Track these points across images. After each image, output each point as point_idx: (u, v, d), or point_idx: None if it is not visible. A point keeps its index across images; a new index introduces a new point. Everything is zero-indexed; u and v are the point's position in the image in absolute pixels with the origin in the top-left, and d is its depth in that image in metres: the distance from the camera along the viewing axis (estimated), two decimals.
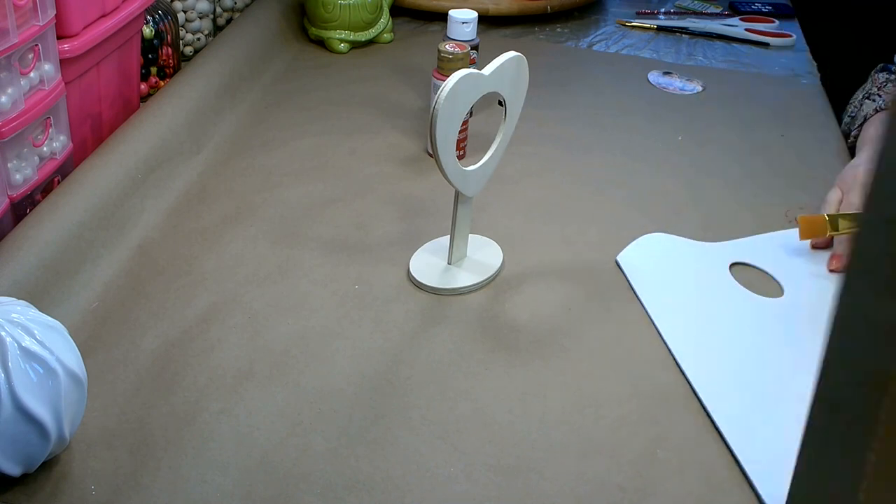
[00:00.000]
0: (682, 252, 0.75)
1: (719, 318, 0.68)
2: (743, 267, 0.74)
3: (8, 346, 0.47)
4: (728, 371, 0.63)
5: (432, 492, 0.52)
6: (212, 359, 0.61)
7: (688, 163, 0.89)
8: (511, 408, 0.58)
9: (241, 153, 0.86)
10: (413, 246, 0.73)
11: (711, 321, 0.67)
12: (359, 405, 0.58)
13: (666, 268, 0.73)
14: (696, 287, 0.71)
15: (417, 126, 0.93)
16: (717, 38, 1.23)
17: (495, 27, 1.21)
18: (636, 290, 0.70)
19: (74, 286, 0.65)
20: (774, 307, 0.69)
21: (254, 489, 0.52)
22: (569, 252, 0.74)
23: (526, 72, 0.66)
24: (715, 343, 0.65)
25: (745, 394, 0.61)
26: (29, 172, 0.68)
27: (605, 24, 1.26)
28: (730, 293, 0.71)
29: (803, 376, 0.56)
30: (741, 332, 0.66)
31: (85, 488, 0.51)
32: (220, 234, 0.74)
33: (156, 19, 0.91)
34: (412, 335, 0.64)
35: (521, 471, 0.54)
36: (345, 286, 0.69)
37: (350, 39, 1.10)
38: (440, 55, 0.83)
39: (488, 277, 0.70)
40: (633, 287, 0.70)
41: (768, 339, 0.66)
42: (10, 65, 0.63)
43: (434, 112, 0.60)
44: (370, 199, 0.80)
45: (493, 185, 0.72)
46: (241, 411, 0.57)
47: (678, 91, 1.06)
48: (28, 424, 0.47)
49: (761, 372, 0.63)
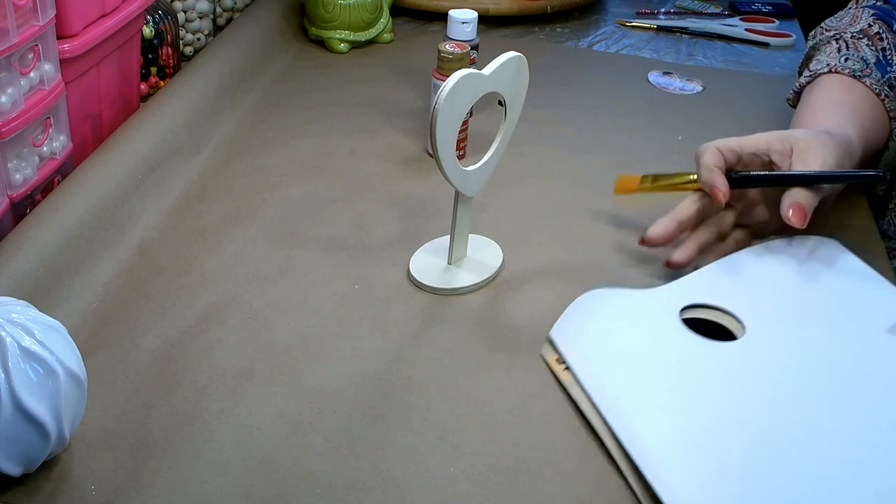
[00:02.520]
0: (625, 308, 0.64)
1: (669, 383, 0.58)
2: (698, 311, 0.65)
3: (8, 346, 0.47)
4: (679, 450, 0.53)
5: (432, 492, 0.52)
6: (212, 359, 0.61)
7: (688, 163, 0.89)
8: (511, 408, 0.58)
9: (241, 153, 0.86)
10: (413, 246, 0.73)
11: (661, 390, 0.58)
12: (359, 405, 0.58)
13: (606, 336, 0.62)
14: (642, 351, 0.61)
15: (417, 126, 0.93)
16: (717, 38, 1.23)
17: (495, 27, 1.21)
18: (574, 372, 0.59)
19: (74, 286, 0.65)
20: (733, 351, 0.61)
21: (254, 489, 0.52)
22: (569, 252, 0.74)
23: (526, 72, 0.66)
24: (663, 422, 0.55)
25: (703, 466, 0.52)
26: (29, 172, 0.68)
27: (605, 24, 1.26)
28: (682, 347, 0.60)
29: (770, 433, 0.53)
30: (697, 393, 0.57)
31: (85, 488, 0.51)
32: (220, 234, 0.74)
33: (156, 19, 0.91)
34: (412, 335, 0.64)
35: (521, 471, 0.54)
36: (345, 286, 0.69)
37: (350, 39, 1.10)
38: (440, 55, 0.83)
39: (488, 277, 0.70)
40: (570, 368, 0.60)
41: (729, 392, 0.57)
42: (10, 65, 0.63)
43: (434, 112, 0.60)
44: (370, 199, 0.80)
45: (493, 185, 0.72)
46: (241, 411, 0.57)
47: (678, 91, 1.06)
48: (28, 424, 0.47)
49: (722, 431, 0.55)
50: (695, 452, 0.53)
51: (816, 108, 0.79)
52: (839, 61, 0.82)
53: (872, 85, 0.80)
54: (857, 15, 0.88)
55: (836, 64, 0.82)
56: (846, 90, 0.80)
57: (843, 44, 0.84)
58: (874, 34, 0.84)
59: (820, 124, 0.74)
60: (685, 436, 0.54)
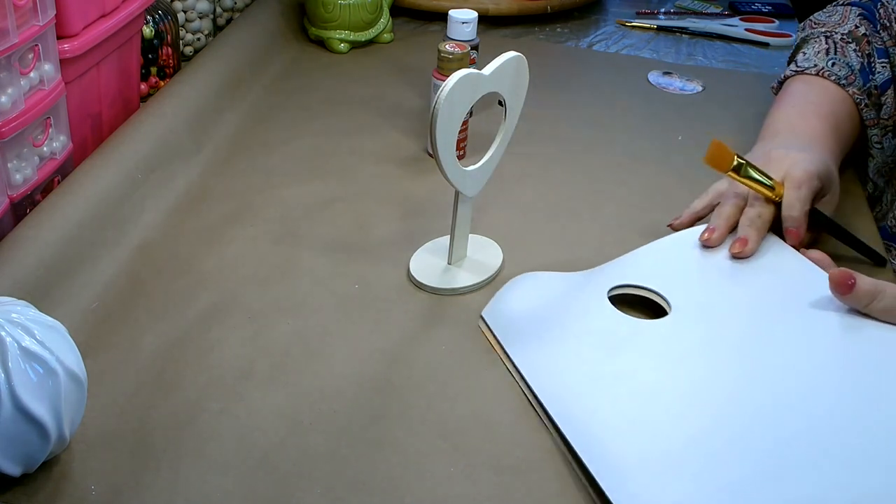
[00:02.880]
0: (553, 290, 0.67)
1: (597, 359, 0.60)
2: (625, 289, 0.66)
3: (8, 346, 0.47)
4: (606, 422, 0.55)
5: (432, 492, 0.52)
6: (212, 359, 0.61)
7: (688, 163, 0.89)
8: (511, 408, 0.58)
9: (241, 153, 0.86)
10: (413, 246, 0.73)
11: (588, 364, 0.59)
12: (359, 405, 0.58)
13: (536, 314, 0.64)
14: (571, 328, 0.62)
15: (417, 126, 0.93)
16: (717, 38, 1.23)
17: (495, 27, 1.21)
18: (506, 348, 0.62)
19: (74, 286, 0.65)
20: (658, 329, 0.62)
21: (254, 489, 0.52)
22: (569, 252, 0.74)
23: (526, 72, 0.66)
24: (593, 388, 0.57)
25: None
26: (29, 172, 0.68)
27: (605, 24, 1.26)
28: (608, 323, 0.62)
29: (698, 407, 0.55)
30: (626, 367, 0.59)
31: (85, 488, 0.51)
32: (220, 234, 0.74)
33: (156, 19, 0.91)
34: (412, 335, 0.64)
35: (521, 471, 0.54)
36: (345, 286, 0.69)
37: (350, 39, 1.10)
38: (440, 55, 0.83)
39: (488, 277, 0.70)
40: (502, 345, 0.62)
41: (656, 368, 0.59)
42: (10, 65, 0.63)
43: (434, 112, 0.60)
44: (370, 199, 0.80)
45: (493, 185, 0.72)
46: (241, 411, 0.57)
47: (678, 91, 1.06)
48: (28, 424, 0.47)
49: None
50: (626, 428, 0.54)
51: (809, 113, 0.81)
52: (827, 64, 0.84)
53: (854, 94, 0.83)
54: (845, 14, 0.89)
55: (823, 67, 0.84)
56: (832, 101, 0.83)
57: (832, 44, 0.86)
58: (861, 36, 0.86)
59: (810, 132, 0.78)
60: (615, 412, 0.56)
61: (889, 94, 0.84)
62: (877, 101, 0.84)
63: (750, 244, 0.68)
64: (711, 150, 0.69)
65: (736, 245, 0.68)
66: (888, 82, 0.84)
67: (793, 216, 0.68)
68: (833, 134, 0.79)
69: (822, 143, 0.77)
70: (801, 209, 0.68)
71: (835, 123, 0.80)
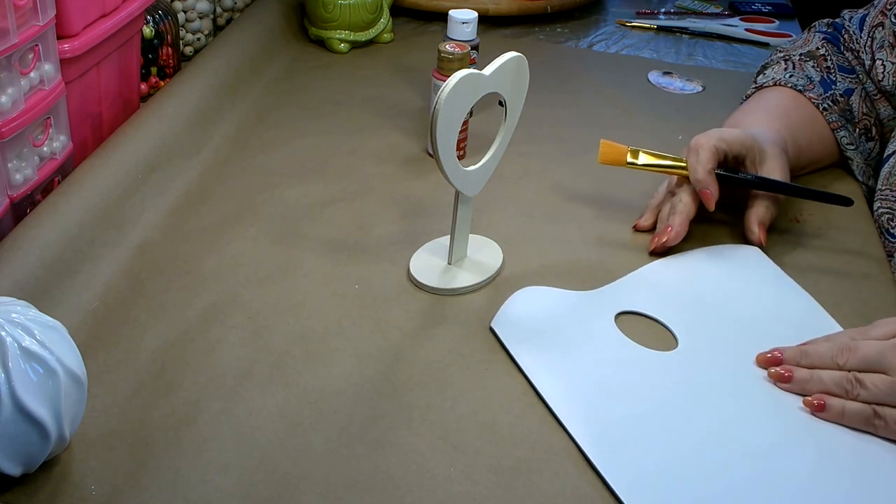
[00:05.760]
0: (561, 306, 0.67)
1: (606, 378, 0.61)
2: (631, 316, 0.67)
3: (8, 346, 0.47)
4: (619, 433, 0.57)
5: (432, 492, 0.52)
6: (212, 359, 0.61)
7: None
8: (511, 408, 0.58)
9: (241, 153, 0.86)
10: (413, 246, 0.73)
11: (598, 382, 0.60)
12: (359, 405, 0.58)
13: (545, 327, 0.65)
14: (580, 345, 0.63)
15: (417, 126, 0.93)
16: (717, 38, 1.23)
17: (495, 27, 1.21)
18: (515, 358, 0.62)
19: (74, 286, 0.65)
20: (668, 361, 0.63)
21: (254, 489, 0.52)
22: (569, 252, 0.74)
23: (526, 72, 0.66)
24: (603, 403, 0.59)
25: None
26: (29, 172, 0.68)
27: (605, 24, 1.26)
28: (618, 349, 0.63)
29: (701, 435, 0.56)
30: (633, 392, 0.60)
31: (85, 488, 0.51)
32: (220, 234, 0.74)
33: (156, 19, 0.91)
34: (412, 335, 0.64)
35: (521, 471, 0.54)
36: (345, 286, 0.69)
37: (350, 39, 1.10)
38: (440, 55, 0.83)
39: (488, 277, 0.70)
40: (511, 354, 0.62)
41: (663, 398, 0.60)
42: (10, 65, 0.63)
43: (434, 112, 0.60)
44: (370, 199, 0.80)
45: (493, 185, 0.72)
46: (241, 411, 0.57)
47: (678, 91, 1.06)
48: (28, 424, 0.47)
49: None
50: (632, 447, 0.56)
51: (756, 110, 0.84)
52: (784, 76, 0.88)
53: (813, 99, 0.85)
54: (808, 38, 0.93)
55: (780, 78, 0.88)
56: (785, 100, 0.86)
57: (790, 64, 0.90)
58: (819, 56, 0.89)
59: (748, 123, 0.81)
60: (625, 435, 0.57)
61: (854, 101, 0.86)
62: (845, 107, 0.86)
63: (674, 231, 0.72)
64: (603, 150, 0.74)
65: (662, 236, 0.72)
66: (850, 91, 0.86)
67: (697, 178, 0.72)
68: (776, 120, 0.81)
69: (756, 124, 0.79)
70: (703, 171, 0.72)
71: (782, 114, 0.82)
